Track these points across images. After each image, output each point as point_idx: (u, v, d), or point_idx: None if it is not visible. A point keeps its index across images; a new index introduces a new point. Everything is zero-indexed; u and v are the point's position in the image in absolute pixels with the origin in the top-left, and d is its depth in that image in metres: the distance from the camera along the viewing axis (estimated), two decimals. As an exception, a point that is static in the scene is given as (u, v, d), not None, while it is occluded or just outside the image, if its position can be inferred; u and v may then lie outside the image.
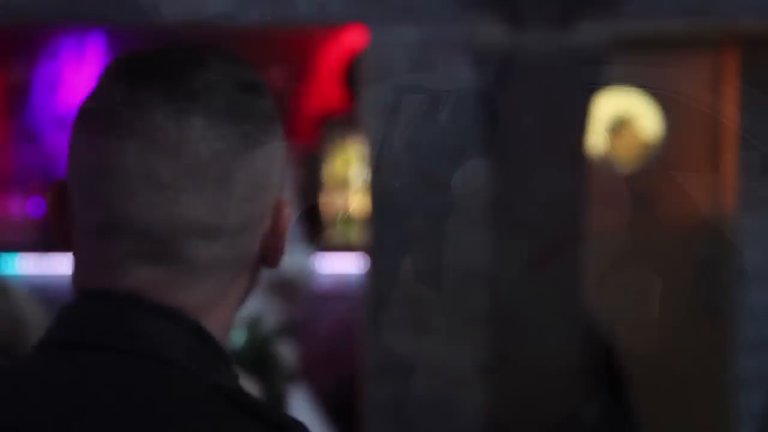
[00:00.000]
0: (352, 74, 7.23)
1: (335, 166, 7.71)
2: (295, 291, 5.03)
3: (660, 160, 6.52)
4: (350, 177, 7.60)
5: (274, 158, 1.15)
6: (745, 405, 6.50)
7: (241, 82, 1.14)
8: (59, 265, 6.39)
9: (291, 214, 1.18)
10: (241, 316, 3.33)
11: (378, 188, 6.01)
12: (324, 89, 7.81)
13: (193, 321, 1.11)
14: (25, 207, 6.93)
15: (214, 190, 1.10)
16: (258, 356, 3.29)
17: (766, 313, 6.54)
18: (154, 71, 1.12)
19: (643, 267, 6.50)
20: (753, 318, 6.53)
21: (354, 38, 7.48)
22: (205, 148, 1.09)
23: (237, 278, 1.15)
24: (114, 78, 1.13)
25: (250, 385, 3.62)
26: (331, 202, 7.49)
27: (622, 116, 6.56)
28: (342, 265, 6.86)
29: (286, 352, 3.57)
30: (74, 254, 1.15)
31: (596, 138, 6.43)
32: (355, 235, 6.95)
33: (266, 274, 1.22)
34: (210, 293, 1.13)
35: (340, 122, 7.72)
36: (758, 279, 6.53)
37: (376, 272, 5.74)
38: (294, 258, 5.06)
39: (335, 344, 6.68)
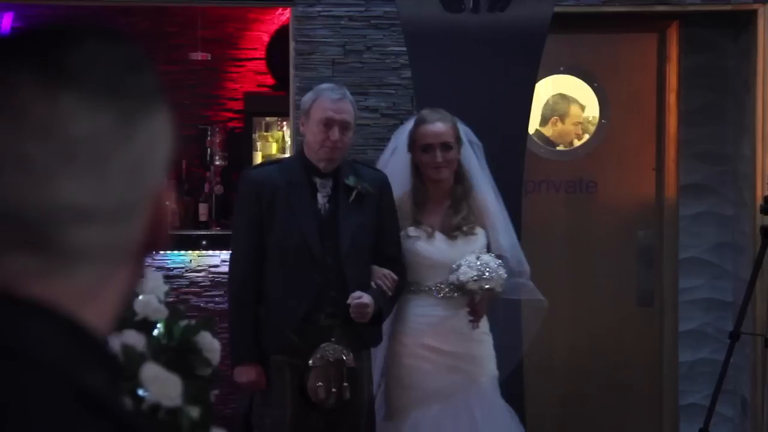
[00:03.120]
0: (279, 52, 7.09)
1: (268, 148, 7.56)
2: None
3: (600, 144, 6.43)
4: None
5: (156, 140, 1.09)
6: (684, 394, 6.46)
7: (120, 58, 1.08)
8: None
9: (173, 202, 1.02)
10: (160, 309, 3.10)
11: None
12: (251, 68, 7.67)
13: (65, 315, 1.04)
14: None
15: (88, 171, 1.04)
16: (177, 351, 3.07)
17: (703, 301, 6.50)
18: (23, 48, 1.06)
19: (581, 254, 6.42)
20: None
21: (281, 16, 7.31)
22: (78, 126, 1.03)
23: (117, 268, 1.09)
24: None
25: (172, 383, 3.39)
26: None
27: (561, 99, 6.45)
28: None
29: (212, 347, 3.36)
30: None
31: (535, 120, 6.32)
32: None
33: None
34: (87, 283, 1.07)
35: (268, 102, 7.57)
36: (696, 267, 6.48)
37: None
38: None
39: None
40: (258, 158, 7.49)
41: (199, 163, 7.50)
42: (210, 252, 7.23)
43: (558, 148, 6.47)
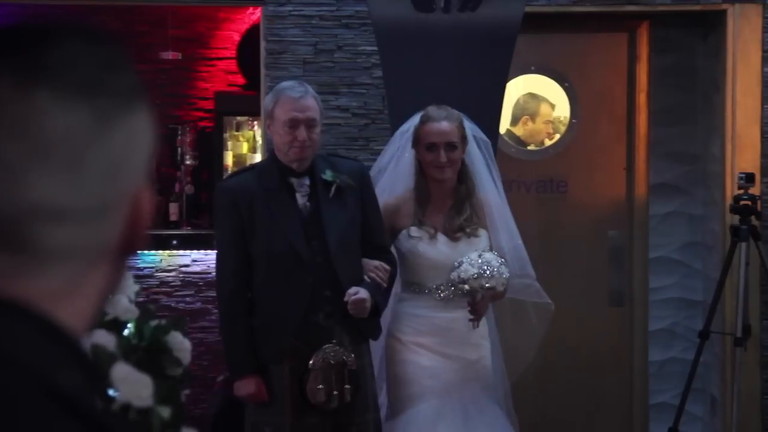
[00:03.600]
0: (250, 52, 7.06)
1: (239, 147, 7.53)
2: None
3: (571, 144, 6.44)
4: (254, 158, 7.43)
5: (133, 140, 1.08)
6: (654, 393, 6.48)
7: (98, 58, 1.07)
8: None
9: (151, 203, 1.12)
10: (131, 309, 3.09)
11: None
12: (222, 67, 7.64)
13: (39, 314, 1.04)
14: None
15: (62, 169, 1.03)
16: (148, 351, 3.06)
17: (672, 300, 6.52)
18: (0, 45, 1.05)
19: (552, 254, 6.43)
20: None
21: (252, 15, 7.29)
22: (53, 125, 1.02)
23: (93, 267, 1.08)
24: None
25: (143, 383, 3.38)
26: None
27: (532, 98, 6.46)
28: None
29: (183, 347, 3.35)
30: None
31: (506, 119, 6.32)
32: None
33: None
34: (61, 283, 1.06)
35: (239, 101, 7.54)
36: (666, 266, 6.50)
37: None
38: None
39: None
40: (229, 158, 7.46)
41: (170, 162, 7.48)
42: (180, 252, 7.21)
43: (529, 147, 6.48)
